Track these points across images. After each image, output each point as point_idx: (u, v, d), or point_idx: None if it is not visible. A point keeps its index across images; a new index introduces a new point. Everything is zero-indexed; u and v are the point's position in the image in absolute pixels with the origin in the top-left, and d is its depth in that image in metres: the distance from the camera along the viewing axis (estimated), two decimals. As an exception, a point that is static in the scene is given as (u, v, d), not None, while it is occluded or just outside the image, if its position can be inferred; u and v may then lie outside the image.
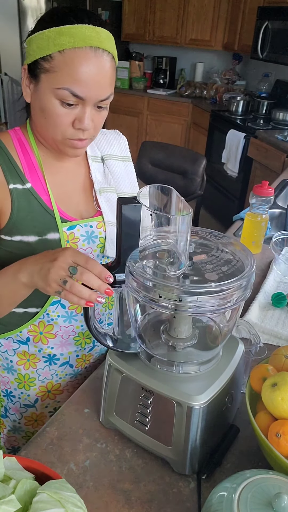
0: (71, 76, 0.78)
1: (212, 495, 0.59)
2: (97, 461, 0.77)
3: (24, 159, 0.90)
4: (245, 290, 0.69)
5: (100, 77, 0.80)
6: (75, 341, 1.03)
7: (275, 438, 0.65)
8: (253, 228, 1.47)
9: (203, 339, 0.78)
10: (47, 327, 0.98)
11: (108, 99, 0.84)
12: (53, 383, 1.06)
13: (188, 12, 4.53)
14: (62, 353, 1.03)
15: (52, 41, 0.77)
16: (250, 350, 0.89)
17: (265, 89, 4.20)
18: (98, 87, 0.80)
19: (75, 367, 1.07)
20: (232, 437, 0.80)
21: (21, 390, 1.06)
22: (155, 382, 0.73)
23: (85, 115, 0.82)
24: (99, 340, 0.78)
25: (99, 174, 1.01)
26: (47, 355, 1.02)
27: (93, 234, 0.96)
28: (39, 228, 0.90)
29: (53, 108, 0.81)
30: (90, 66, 0.78)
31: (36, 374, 1.04)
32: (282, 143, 3.15)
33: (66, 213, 0.93)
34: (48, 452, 0.79)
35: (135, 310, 0.77)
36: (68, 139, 0.85)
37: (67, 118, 0.82)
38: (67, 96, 0.79)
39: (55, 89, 0.79)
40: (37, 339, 1.00)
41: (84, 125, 0.82)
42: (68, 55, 0.77)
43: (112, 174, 1.04)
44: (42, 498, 0.54)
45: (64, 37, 0.77)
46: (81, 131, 0.84)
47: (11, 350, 1.02)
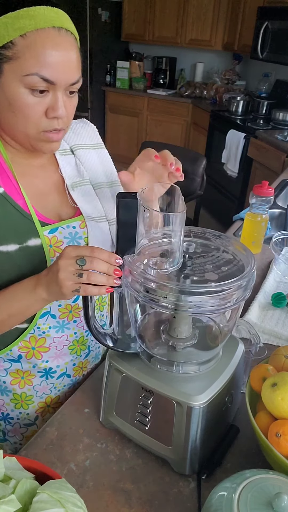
0: (38, 59, 0.72)
1: (212, 495, 0.59)
2: (97, 461, 0.77)
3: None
4: (245, 290, 0.69)
5: (67, 58, 0.75)
6: (70, 350, 0.97)
7: (275, 438, 0.65)
8: (253, 228, 1.47)
9: (203, 339, 0.78)
10: (39, 341, 0.92)
11: (78, 83, 0.79)
12: (52, 396, 1.00)
13: (188, 12, 4.53)
14: (58, 365, 0.97)
15: (11, 26, 0.71)
16: (250, 350, 0.89)
17: (265, 89, 4.20)
18: (68, 69, 0.75)
19: (73, 376, 1.01)
20: (232, 437, 0.80)
21: (19, 410, 0.99)
22: (155, 382, 0.73)
23: (58, 101, 0.76)
24: (99, 340, 0.78)
25: (69, 167, 0.95)
26: (42, 369, 0.95)
27: (77, 235, 0.91)
28: (18, 235, 0.83)
29: (22, 98, 0.75)
30: (56, 47, 0.73)
31: (33, 391, 0.97)
32: (282, 143, 3.15)
33: (45, 216, 0.87)
34: (48, 452, 0.79)
35: (135, 310, 0.77)
36: (43, 132, 0.79)
37: (39, 107, 0.76)
38: (36, 83, 0.73)
39: (23, 76, 0.73)
40: (30, 355, 0.93)
41: (58, 112, 0.77)
42: (31, 37, 0.72)
43: (85, 165, 0.97)
44: (42, 498, 0.54)
45: (24, 20, 0.71)
46: (56, 120, 0.78)
47: (2, 370, 0.94)
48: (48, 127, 0.79)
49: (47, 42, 0.72)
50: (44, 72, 0.73)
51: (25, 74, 0.73)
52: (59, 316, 0.93)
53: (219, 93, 4.55)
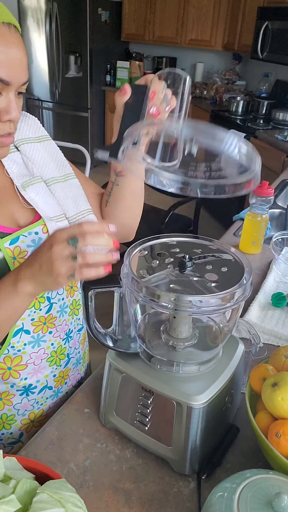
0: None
1: (212, 495, 0.59)
2: (97, 461, 0.77)
3: None
4: (245, 290, 0.69)
5: (20, 56, 0.70)
6: (48, 362, 0.91)
7: (275, 438, 0.65)
8: (253, 228, 1.47)
9: (203, 339, 0.78)
10: (15, 359, 0.85)
11: (27, 82, 0.74)
12: (35, 412, 0.93)
13: (188, 12, 4.53)
14: (38, 380, 0.90)
15: None
16: (250, 350, 0.89)
17: (265, 89, 4.20)
18: (21, 68, 0.70)
19: (55, 387, 0.95)
20: (232, 437, 0.80)
21: (1, 431, 0.92)
22: (155, 382, 0.73)
23: (11, 103, 0.71)
24: (99, 340, 0.78)
25: (16, 166, 0.87)
26: (21, 387, 0.88)
27: (41, 241, 0.82)
28: None
29: None
30: (9, 44, 0.67)
31: (14, 410, 0.90)
32: (282, 143, 3.15)
33: (3, 226, 0.79)
34: (48, 452, 0.79)
35: (135, 310, 0.77)
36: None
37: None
38: None
39: None
40: (6, 376, 0.86)
41: (13, 115, 0.72)
42: None
43: (32, 161, 0.89)
44: (42, 498, 0.54)
45: None
46: (8, 123, 0.73)
47: None
48: (1, 131, 0.73)
49: (1, 40, 0.67)
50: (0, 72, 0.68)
51: None
52: (33, 330, 0.86)
53: (219, 93, 4.55)
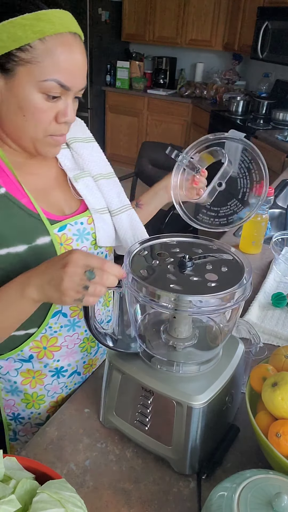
0: (57, 65, 0.72)
1: (212, 495, 0.59)
2: (97, 461, 0.77)
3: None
4: (245, 290, 0.69)
5: (81, 64, 0.76)
6: (80, 348, 0.98)
7: (275, 438, 0.65)
8: (253, 228, 1.47)
9: (203, 339, 0.78)
10: (51, 340, 0.92)
11: (84, 88, 0.80)
12: (63, 395, 1.00)
13: (188, 12, 4.52)
14: (69, 364, 0.97)
15: (30, 28, 0.69)
16: (250, 350, 0.89)
17: (265, 89, 4.20)
18: (81, 75, 0.76)
19: (83, 374, 1.02)
20: (232, 437, 0.80)
21: (31, 410, 0.98)
22: (155, 382, 0.73)
23: (69, 107, 0.77)
24: (99, 340, 0.78)
25: (68, 160, 0.95)
26: (54, 368, 0.95)
27: (85, 231, 0.91)
28: (25, 235, 0.81)
29: (36, 103, 0.74)
30: (73, 53, 0.74)
31: (44, 391, 0.97)
32: (282, 143, 3.14)
33: (51, 213, 0.86)
34: (48, 452, 0.79)
35: (135, 310, 0.77)
36: (50, 135, 0.79)
37: (50, 113, 0.77)
38: (53, 88, 0.73)
39: (40, 82, 0.72)
40: (41, 355, 0.93)
41: (68, 118, 0.78)
42: (51, 42, 0.71)
43: (82, 157, 0.97)
44: (42, 498, 0.54)
45: (43, 23, 0.70)
46: (64, 125, 0.79)
47: (13, 370, 0.93)
48: (56, 132, 0.79)
49: (66, 48, 0.73)
50: (62, 78, 0.73)
51: (43, 79, 0.72)
52: (70, 314, 0.92)
53: (219, 93, 4.55)
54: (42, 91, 0.74)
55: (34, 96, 0.74)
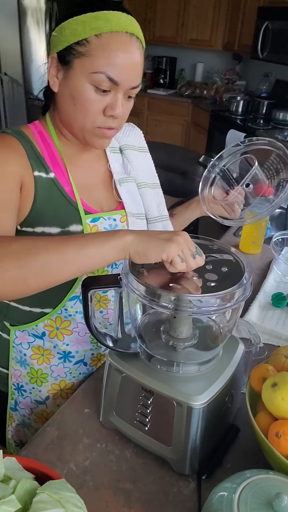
0: (108, 59, 0.78)
1: (212, 495, 0.59)
2: (97, 461, 0.77)
3: (45, 150, 0.89)
4: (245, 290, 0.69)
5: (134, 62, 0.81)
6: (91, 339, 1.01)
7: (275, 438, 0.65)
8: (253, 228, 1.47)
9: (203, 339, 0.78)
10: (64, 322, 0.96)
11: (137, 88, 0.84)
12: (66, 381, 1.04)
13: (188, 12, 4.52)
14: (77, 351, 1.01)
15: (88, 25, 0.78)
16: (250, 350, 0.89)
17: (265, 89, 4.20)
18: (132, 73, 0.81)
19: (89, 365, 1.04)
20: (232, 437, 0.80)
21: (33, 385, 1.03)
22: (155, 382, 0.73)
23: (117, 101, 0.82)
24: (99, 340, 0.78)
25: (118, 164, 1.01)
26: (62, 351, 1.00)
27: (116, 227, 0.95)
28: (61, 220, 0.88)
29: (86, 93, 0.80)
30: (126, 51, 0.79)
31: (49, 370, 1.02)
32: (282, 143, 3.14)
33: (88, 205, 0.92)
34: (48, 452, 0.79)
35: (135, 310, 0.77)
36: (97, 127, 0.84)
37: (99, 105, 0.82)
38: (102, 81, 0.79)
39: (91, 73, 0.79)
40: (53, 335, 0.98)
41: (116, 112, 0.82)
42: (105, 38, 0.78)
43: (131, 164, 1.03)
44: (42, 498, 0.54)
45: (101, 21, 0.77)
46: (112, 119, 0.84)
47: (25, 343, 1.00)
48: (103, 124, 0.84)
49: (119, 45, 0.78)
50: (111, 72, 0.79)
51: (93, 71, 0.78)
52: None
53: (219, 93, 4.55)
54: (92, 82, 0.79)
55: (85, 86, 0.80)
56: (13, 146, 0.85)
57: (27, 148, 0.86)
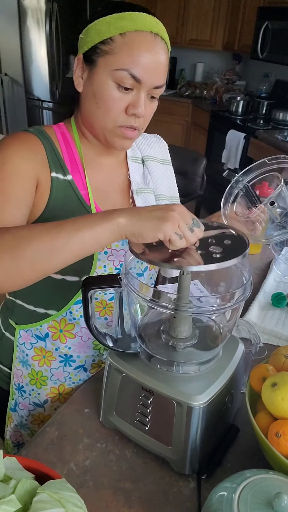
0: (131, 57, 0.78)
1: (212, 495, 0.59)
2: (97, 461, 0.77)
3: (66, 152, 0.89)
4: (245, 290, 0.69)
5: (157, 62, 0.80)
6: (94, 345, 1.00)
7: (275, 438, 0.65)
8: (253, 228, 1.47)
9: (203, 339, 0.78)
10: (68, 325, 0.96)
11: (161, 88, 0.84)
12: (65, 386, 1.03)
13: (188, 12, 4.52)
14: (79, 355, 1.00)
15: (113, 25, 0.79)
16: (250, 350, 0.89)
17: (265, 89, 4.20)
18: (155, 72, 0.81)
19: (89, 371, 1.04)
20: (232, 437, 0.80)
21: (32, 387, 1.03)
22: (155, 382, 0.73)
23: (140, 100, 0.81)
24: (99, 340, 0.78)
25: (138, 175, 1.00)
26: (63, 354, 1.00)
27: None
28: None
29: (108, 91, 0.80)
30: (150, 50, 0.79)
31: (49, 373, 1.02)
32: (282, 143, 3.14)
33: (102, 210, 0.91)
34: (48, 452, 0.79)
35: (135, 310, 0.77)
36: (119, 127, 0.84)
37: (121, 103, 0.81)
38: (124, 78, 0.79)
39: (113, 70, 0.79)
40: (56, 336, 0.98)
41: (138, 110, 0.82)
42: (130, 37, 0.78)
43: (152, 176, 1.03)
44: (42, 498, 0.54)
45: (125, 21, 0.78)
46: (134, 118, 0.83)
47: (28, 343, 1.00)
48: (125, 123, 0.83)
49: (143, 44, 0.79)
50: (134, 70, 0.79)
51: (116, 68, 0.79)
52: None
53: (219, 93, 4.55)
54: (115, 80, 0.80)
55: (108, 83, 0.80)
56: (33, 143, 0.85)
57: (47, 148, 0.86)
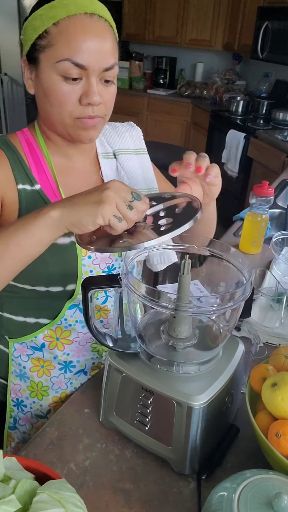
0: (69, 45, 0.73)
1: (212, 495, 0.59)
2: (97, 461, 0.77)
3: (32, 160, 0.85)
4: (245, 290, 0.69)
5: (99, 43, 0.75)
6: (92, 348, 0.98)
7: (275, 438, 0.65)
8: (253, 228, 1.47)
9: (203, 339, 0.78)
10: (64, 332, 0.93)
11: (112, 69, 0.78)
12: (67, 392, 1.00)
13: (188, 12, 4.52)
14: (78, 360, 0.98)
15: (46, 16, 0.74)
16: (250, 350, 0.89)
17: (265, 89, 4.20)
18: (99, 54, 0.75)
19: (89, 374, 1.01)
20: (232, 437, 0.80)
21: (33, 400, 0.99)
22: (155, 382, 0.73)
23: (91, 87, 0.76)
24: (99, 340, 0.78)
25: (110, 171, 0.95)
26: (62, 361, 0.96)
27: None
28: None
29: (56, 86, 0.76)
30: (87, 32, 0.74)
31: (50, 383, 0.98)
32: (282, 143, 3.14)
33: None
34: (48, 452, 0.79)
35: (135, 310, 0.77)
36: (77, 118, 0.79)
37: (73, 95, 0.77)
38: (68, 69, 0.74)
39: (55, 63, 0.74)
40: (52, 346, 0.94)
41: (92, 99, 0.76)
42: (63, 24, 0.73)
43: (125, 171, 0.97)
44: (42, 498, 0.54)
45: (56, 9, 0.73)
46: (90, 107, 0.78)
47: (24, 355, 0.96)
48: (82, 114, 0.78)
49: (78, 28, 0.73)
50: (76, 57, 0.74)
51: (57, 60, 0.74)
52: None
53: (219, 93, 4.55)
54: (59, 73, 0.75)
55: (53, 78, 0.76)
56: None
57: (11, 159, 0.83)
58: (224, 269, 0.78)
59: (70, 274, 0.88)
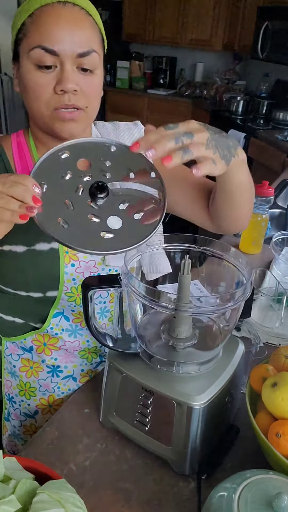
0: (40, 32, 0.73)
1: (212, 495, 0.59)
2: (97, 461, 0.77)
3: (20, 164, 0.84)
4: (245, 290, 0.69)
5: (72, 28, 0.74)
6: (80, 355, 0.98)
7: (275, 438, 0.65)
8: (253, 228, 1.47)
9: (203, 339, 0.78)
10: (52, 339, 0.94)
11: (90, 56, 0.76)
12: (55, 397, 1.00)
13: (188, 12, 4.52)
14: (66, 366, 0.98)
15: (23, 11, 0.76)
16: (250, 350, 0.89)
17: (265, 89, 4.20)
18: (72, 39, 0.73)
19: (79, 381, 1.00)
20: (232, 437, 0.80)
21: (22, 398, 1.01)
22: (155, 382, 0.73)
23: (65, 73, 0.74)
24: (99, 340, 0.78)
25: None
26: (50, 365, 0.97)
27: None
28: (27, 238, 0.83)
29: (30, 75, 0.75)
30: (58, 18, 0.73)
31: (37, 384, 0.98)
32: (282, 143, 3.14)
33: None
34: (48, 452, 0.79)
35: (135, 310, 0.77)
36: (54, 110, 0.76)
37: (47, 84, 0.74)
38: (40, 56, 0.73)
39: (29, 52, 0.74)
40: (40, 350, 0.95)
41: (65, 85, 0.73)
42: (37, 14, 0.74)
43: None
44: (42, 498, 0.54)
45: (32, 1, 0.75)
46: (66, 95, 0.75)
47: (15, 355, 0.97)
48: (58, 104, 0.76)
49: (51, 15, 0.73)
50: (46, 42, 0.73)
51: (30, 48, 0.74)
52: (72, 320, 0.93)
53: (219, 93, 4.55)
54: (33, 61, 0.74)
55: (28, 68, 0.75)
56: None
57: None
58: (224, 269, 0.78)
59: (51, 281, 0.87)
